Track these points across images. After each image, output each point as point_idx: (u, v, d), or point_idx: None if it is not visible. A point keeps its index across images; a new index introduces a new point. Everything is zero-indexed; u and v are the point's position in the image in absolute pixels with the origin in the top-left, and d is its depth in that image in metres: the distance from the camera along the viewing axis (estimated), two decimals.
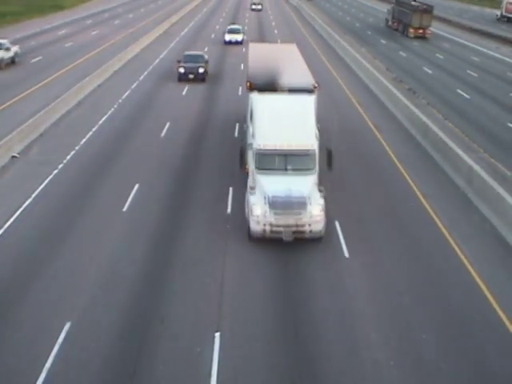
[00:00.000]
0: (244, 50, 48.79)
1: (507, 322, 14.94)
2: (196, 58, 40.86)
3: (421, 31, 69.99)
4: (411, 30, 70.35)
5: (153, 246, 18.04)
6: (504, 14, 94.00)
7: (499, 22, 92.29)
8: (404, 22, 72.54)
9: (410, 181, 23.93)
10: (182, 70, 39.65)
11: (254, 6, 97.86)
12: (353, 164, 25.65)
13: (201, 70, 39.86)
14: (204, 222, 19.68)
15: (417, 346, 13.96)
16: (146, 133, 29.07)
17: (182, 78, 39.83)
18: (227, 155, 25.59)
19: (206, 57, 42.09)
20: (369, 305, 15.47)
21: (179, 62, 40.50)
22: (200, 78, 40.03)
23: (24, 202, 20.60)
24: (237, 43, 58.16)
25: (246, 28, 69.19)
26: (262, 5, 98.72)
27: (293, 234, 17.66)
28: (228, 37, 58.96)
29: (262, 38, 65.59)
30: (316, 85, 21.78)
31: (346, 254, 17.89)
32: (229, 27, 61.24)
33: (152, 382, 12.55)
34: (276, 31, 71.92)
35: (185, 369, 12.91)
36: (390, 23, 79.02)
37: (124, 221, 19.59)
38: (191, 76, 39.70)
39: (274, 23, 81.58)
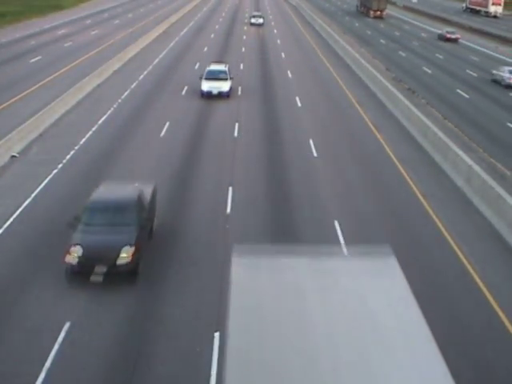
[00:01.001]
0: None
1: (507, 322, 14.95)
2: (118, 216, 16.27)
3: (378, 13, 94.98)
4: (371, 12, 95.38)
5: (152, 246, 18.01)
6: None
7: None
8: (367, 6, 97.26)
9: (409, 181, 23.95)
10: (73, 261, 15.40)
11: (253, 20, 77.94)
12: (352, 164, 25.67)
13: (122, 263, 15.45)
14: (203, 222, 19.67)
15: None
16: (145, 133, 29.09)
17: (78, 272, 15.67)
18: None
19: (148, 195, 18.05)
20: None
21: (76, 222, 16.28)
22: (124, 272, 15.71)
23: (23, 202, 20.59)
24: (221, 96, 35.84)
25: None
26: (263, 18, 79.28)
27: None
28: (207, 85, 35.87)
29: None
30: None
31: (346, 254, 17.86)
32: (208, 69, 37.12)
33: (152, 381, 12.55)
34: (276, 30, 71.94)
35: (184, 369, 12.90)
36: (359, 8, 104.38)
37: None
38: (100, 273, 15.46)
39: (273, 23, 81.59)
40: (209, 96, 35.75)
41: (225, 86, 36.00)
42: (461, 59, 58.42)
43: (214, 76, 36.59)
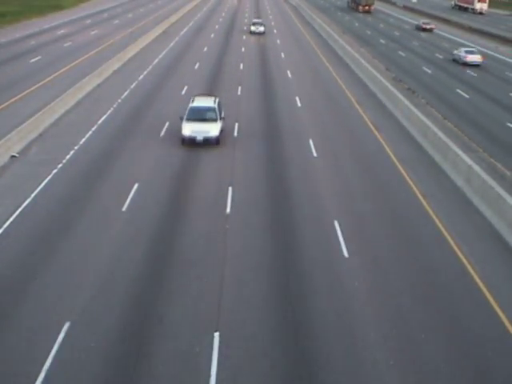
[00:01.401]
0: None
1: (506, 322, 14.94)
2: None
3: (367, 7, 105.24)
4: (360, 7, 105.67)
5: (152, 246, 18.02)
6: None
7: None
8: (357, 2, 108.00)
9: (409, 181, 23.95)
10: None
11: (253, 28, 67.42)
12: (352, 164, 25.66)
13: None
14: (203, 222, 19.66)
15: (416, 345, 13.96)
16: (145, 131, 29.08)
17: None
18: None
19: None
20: (368, 305, 15.47)
21: None
22: None
23: (23, 202, 20.57)
24: (208, 143, 26.91)
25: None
26: (264, 26, 68.73)
27: None
28: (188, 129, 26.69)
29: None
30: None
31: (346, 254, 17.88)
32: (191, 106, 27.79)
33: (151, 381, 12.54)
34: (276, 30, 71.87)
35: (184, 369, 12.90)
36: (350, 4, 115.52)
37: (123, 221, 19.56)
38: None
39: (273, 23, 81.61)
40: (193, 143, 26.72)
41: (212, 130, 26.71)
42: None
43: (199, 115, 27.16)
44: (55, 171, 23.54)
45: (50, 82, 38.89)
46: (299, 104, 35.90)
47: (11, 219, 19.34)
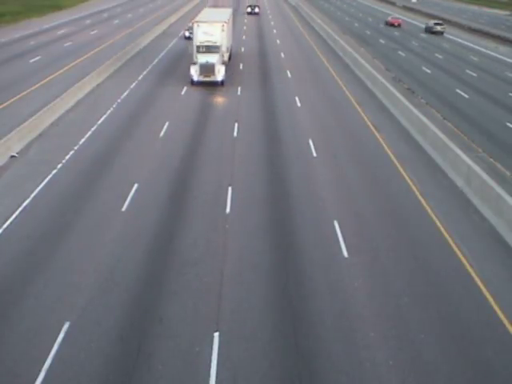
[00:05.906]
0: None
1: (506, 322, 14.95)
2: None
3: None
4: None
5: (152, 246, 18.03)
6: None
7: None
8: None
9: (408, 181, 23.96)
10: None
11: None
12: (352, 164, 25.68)
13: None
14: (203, 222, 19.67)
15: (416, 345, 13.97)
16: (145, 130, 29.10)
17: None
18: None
19: None
20: (368, 305, 15.48)
21: None
22: None
23: (23, 202, 20.58)
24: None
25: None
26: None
27: None
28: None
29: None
30: None
31: (345, 254, 17.89)
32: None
33: (151, 381, 12.55)
34: (275, 30, 71.89)
35: (184, 368, 12.91)
36: None
37: (123, 221, 19.57)
38: None
39: (273, 22, 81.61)
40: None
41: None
42: (460, 59, 58.58)
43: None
44: (55, 171, 23.55)
45: (50, 82, 38.89)
46: (299, 104, 35.90)
47: (11, 219, 19.34)
